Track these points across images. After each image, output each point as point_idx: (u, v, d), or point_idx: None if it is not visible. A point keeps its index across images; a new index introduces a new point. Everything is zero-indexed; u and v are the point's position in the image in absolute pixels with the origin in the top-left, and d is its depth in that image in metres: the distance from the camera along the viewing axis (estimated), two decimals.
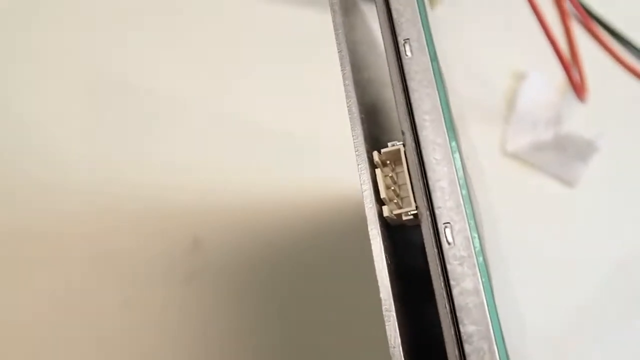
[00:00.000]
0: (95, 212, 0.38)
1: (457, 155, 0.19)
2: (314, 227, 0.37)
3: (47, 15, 0.44)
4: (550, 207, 0.40)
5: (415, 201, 0.18)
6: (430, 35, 0.20)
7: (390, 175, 0.19)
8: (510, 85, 0.42)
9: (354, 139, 0.18)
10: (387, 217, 0.18)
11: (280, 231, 0.38)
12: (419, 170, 0.18)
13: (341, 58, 0.19)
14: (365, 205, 0.18)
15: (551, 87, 0.41)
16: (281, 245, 0.37)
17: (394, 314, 0.17)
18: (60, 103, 0.42)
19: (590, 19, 0.41)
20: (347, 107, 0.19)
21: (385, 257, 0.17)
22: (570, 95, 0.40)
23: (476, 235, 0.18)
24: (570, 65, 0.39)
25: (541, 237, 0.39)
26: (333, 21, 0.19)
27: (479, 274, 0.18)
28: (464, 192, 0.18)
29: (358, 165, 0.18)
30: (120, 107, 0.41)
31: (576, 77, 0.39)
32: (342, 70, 0.19)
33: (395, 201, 0.18)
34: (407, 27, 0.20)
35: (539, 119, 0.40)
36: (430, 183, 0.18)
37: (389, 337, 0.17)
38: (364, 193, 0.18)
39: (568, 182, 0.39)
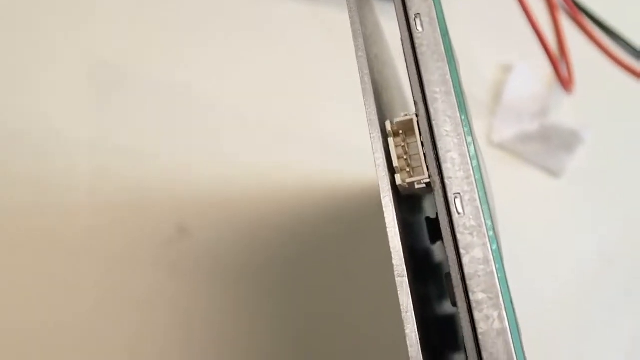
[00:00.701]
0: (79, 200, 0.38)
1: (467, 128, 0.19)
2: (306, 215, 0.38)
3: (47, 3, 0.43)
4: (535, 197, 0.40)
5: (428, 170, 0.18)
6: (442, 10, 0.20)
7: (401, 145, 0.19)
8: (497, 77, 0.42)
9: (366, 108, 0.18)
10: (399, 185, 0.18)
11: (270, 219, 0.38)
12: (430, 141, 0.19)
13: (354, 31, 0.19)
14: (378, 174, 0.18)
15: (538, 79, 0.42)
16: (270, 234, 0.37)
17: (406, 279, 0.17)
18: (52, 90, 0.41)
19: (578, 11, 0.41)
20: (360, 77, 0.19)
21: (398, 224, 0.18)
22: (557, 87, 0.41)
23: (486, 207, 0.19)
24: (558, 58, 0.40)
25: (525, 228, 0.39)
26: None
27: (489, 243, 0.18)
28: (474, 163, 0.19)
29: (370, 134, 0.18)
30: (110, 94, 0.41)
31: (563, 69, 0.40)
32: (354, 42, 0.19)
33: (407, 170, 0.18)
34: (418, 2, 0.20)
35: (524, 110, 0.41)
36: (440, 154, 0.19)
37: (401, 303, 0.17)
38: (377, 162, 0.18)
39: (553, 173, 0.40)
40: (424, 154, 0.18)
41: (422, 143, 0.18)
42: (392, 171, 0.19)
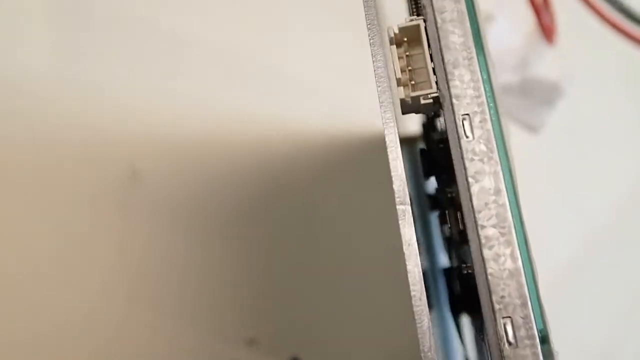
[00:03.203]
0: (28, 138, 0.35)
1: (478, 38, 0.16)
2: (270, 160, 0.35)
3: None
4: (513, 153, 0.38)
5: (436, 83, 0.15)
6: None
7: (404, 57, 0.16)
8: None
9: (366, 10, 0.16)
10: (402, 100, 0.16)
11: (229, 164, 0.35)
12: (438, 52, 0.16)
13: None
14: (377, 87, 0.15)
15: (519, 30, 0.39)
16: (230, 180, 0.35)
17: (409, 207, 0.15)
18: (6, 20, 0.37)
19: None
20: None
21: (399, 146, 0.15)
22: (539, 37, 0.38)
23: (498, 130, 0.16)
24: (541, 6, 0.38)
25: None
26: None
27: (501, 172, 0.16)
28: (484, 76, 0.16)
29: (370, 40, 0.16)
30: (67, 25, 0.37)
31: (546, 19, 0.38)
32: None
33: (410, 85, 0.16)
34: None
35: (505, 62, 0.39)
36: (447, 68, 0.16)
37: (402, 235, 0.15)
38: (376, 71, 0.15)
39: (532, 128, 0.38)
40: (432, 66, 0.16)
41: (430, 52, 0.16)
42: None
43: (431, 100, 0.15)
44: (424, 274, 0.15)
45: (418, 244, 0.15)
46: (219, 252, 0.34)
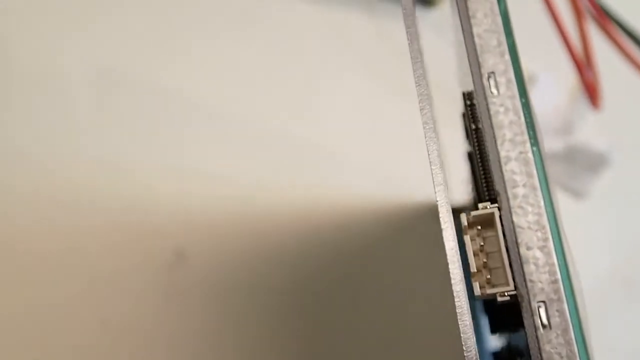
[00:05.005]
0: (69, 221, 0.34)
1: (551, 212, 0.16)
2: (322, 242, 0.34)
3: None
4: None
5: (513, 279, 0.15)
6: (518, 62, 0.17)
7: (475, 239, 0.16)
8: None
9: (438, 198, 0.15)
10: (477, 295, 0.15)
11: (275, 246, 0.34)
12: (513, 240, 0.15)
13: (420, 97, 0.16)
14: (452, 279, 0.15)
15: (562, 93, 0.38)
16: (275, 262, 0.34)
17: None
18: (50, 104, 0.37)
19: (607, 19, 0.38)
20: (429, 153, 0.15)
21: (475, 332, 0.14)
22: (583, 102, 0.37)
23: (574, 313, 0.16)
24: (585, 68, 0.37)
25: None
26: (409, 40, 0.16)
27: None
28: (560, 260, 0.16)
29: (444, 231, 0.15)
30: (108, 106, 0.37)
31: (590, 81, 0.37)
32: (421, 109, 0.16)
33: (487, 277, 0.15)
34: (492, 56, 0.17)
35: (548, 127, 0.38)
36: (521, 252, 0.15)
37: None
38: (450, 266, 0.15)
39: (577, 194, 0.37)
40: (509, 260, 0.15)
41: (506, 243, 0.15)
42: (466, 274, 0.15)
43: (508, 298, 0.15)
44: None
45: None
46: (270, 340, 0.33)
